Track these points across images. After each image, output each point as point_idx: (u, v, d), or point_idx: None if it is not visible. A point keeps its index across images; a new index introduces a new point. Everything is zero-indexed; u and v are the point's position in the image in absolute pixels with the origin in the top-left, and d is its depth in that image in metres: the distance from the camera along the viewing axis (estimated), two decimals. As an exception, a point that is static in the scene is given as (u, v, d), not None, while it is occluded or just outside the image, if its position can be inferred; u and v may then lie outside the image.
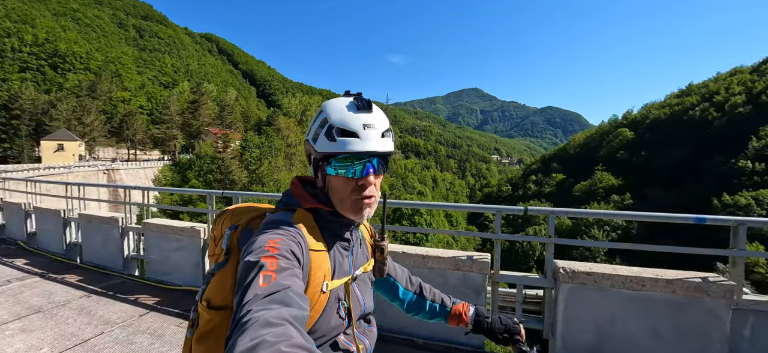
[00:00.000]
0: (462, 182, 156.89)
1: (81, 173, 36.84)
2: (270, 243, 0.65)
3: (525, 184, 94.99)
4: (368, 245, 0.99)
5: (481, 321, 1.06)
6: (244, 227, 0.82)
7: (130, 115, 60.28)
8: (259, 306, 0.51)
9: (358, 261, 0.90)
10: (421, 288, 1.11)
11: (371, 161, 0.79)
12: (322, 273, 0.74)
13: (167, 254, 4.48)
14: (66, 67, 76.80)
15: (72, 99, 58.25)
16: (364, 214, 0.81)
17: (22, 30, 77.01)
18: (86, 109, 56.22)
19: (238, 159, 44.77)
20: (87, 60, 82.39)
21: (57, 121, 52.93)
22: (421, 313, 1.10)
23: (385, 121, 0.81)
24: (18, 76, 67.31)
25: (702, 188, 48.99)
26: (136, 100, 76.81)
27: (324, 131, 0.77)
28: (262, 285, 0.55)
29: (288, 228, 0.71)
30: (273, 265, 0.59)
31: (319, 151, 0.77)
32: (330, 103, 0.80)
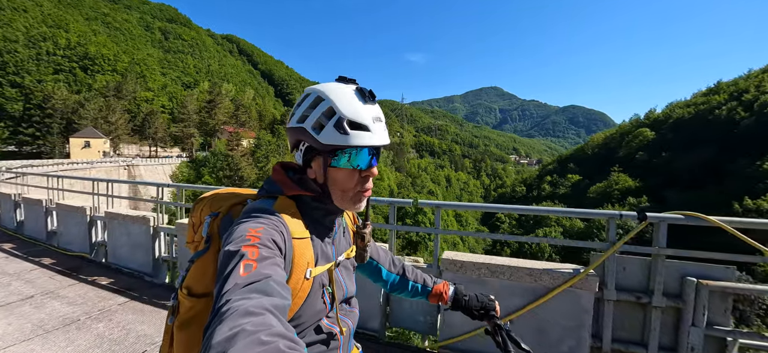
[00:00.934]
0: (477, 182, 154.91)
1: (103, 168, 39.23)
2: (251, 232, 0.64)
3: (539, 185, 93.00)
4: (350, 231, 1.00)
5: (459, 298, 1.13)
6: (225, 214, 0.81)
7: (151, 114, 63.39)
8: (239, 296, 0.50)
9: (341, 247, 0.90)
10: (403, 270, 1.16)
11: (376, 153, 0.80)
12: (306, 260, 0.74)
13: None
14: (95, 68, 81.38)
15: (99, 99, 61.85)
16: (363, 204, 0.83)
17: (57, 34, 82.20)
18: (112, 108, 59.59)
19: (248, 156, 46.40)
20: (114, 62, 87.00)
21: (85, 119, 56.42)
22: (404, 292, 1.16)
23: None
24: (52, 78, 71.97)
25: (724, 191, 46.66)
26: (159, 99, 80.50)
27: (332, 123, 0.74)
28: (242, 275, 0.54)
29: (269, 216, 0.70)
30: (254, 254, 0.59)
31: (325, 143, 0.74)
32: (331, 90, 0.77)
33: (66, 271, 4.57)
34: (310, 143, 0.76)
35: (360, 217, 1.04)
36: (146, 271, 4.63)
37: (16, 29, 78.05)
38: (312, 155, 0.79)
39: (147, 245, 4.66)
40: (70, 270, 4.63)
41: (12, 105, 62.97)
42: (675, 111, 76.99)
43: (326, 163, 0.77)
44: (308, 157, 0.79)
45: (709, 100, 69.82)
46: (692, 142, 61.32)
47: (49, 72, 73.97)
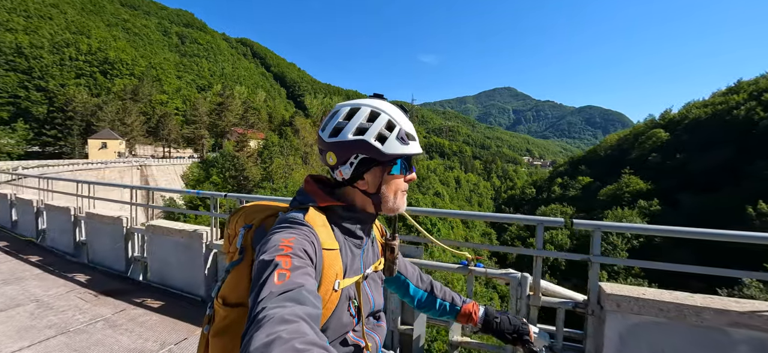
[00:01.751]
0: (487, 183, 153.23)
1: (117, 169, 41.01)
2: (284, 242, 0.66)
3: (550, 187, 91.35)
4: (379, 244, 1.01)
5: (490, 320, 1.10)
6: (258, 226, 0.83)
7: (165, 116, 65.72)
8: (274, 304, 0.52)
9: (369, 260, 0.92)
10: (432, 286, 1.14)
11: (410, 160, 0.87)
12: (334, 271, 0.75)
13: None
14: (114, 73, 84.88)
15: (116, 102, 64.55)
16: (405, 205, 0.89)
17: (79, 40, 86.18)
18: (128, 111, 62.13)
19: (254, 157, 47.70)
20: (132, 66, 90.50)
21: (103, 122, 59.03)
22: (432, 311, 1.14)
23: None
24: (74, 82, 75.53)
25: (740, 194, 44.93)
26: (173, 102, 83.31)
27: (394, 135, 0.80)
28: (276, 283, 0.56)
29: (301, 227, 0.72)
30: (287, 263, 0.60)
31: (388, 152, 0.79)
32: (386, 107, 0.83)
33: (50, 269, 4.79)
34: (369, 154, 0.80)
35: (388, 229, 1.05)
36: (120, 269, 4.87)
37: (42, 36, 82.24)
38: (368, 166, 0.82)
39: (120, 244, 4.89)
40: (57, 268, 4.83)
41: (37, 108, 66.49)
42: (692, 111, 74.45)
43: (385, 172, 0.83)
44: (362, 169, 0.82)
45: (727, 99, 67.24)
46: (708, 143, 59.19)
47: (72, 76, 77.65)
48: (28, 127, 61.51)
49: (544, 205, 77.13)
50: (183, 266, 4.15)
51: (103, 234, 5.12)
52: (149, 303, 3.72)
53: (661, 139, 70.61)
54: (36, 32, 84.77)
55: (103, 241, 5.12)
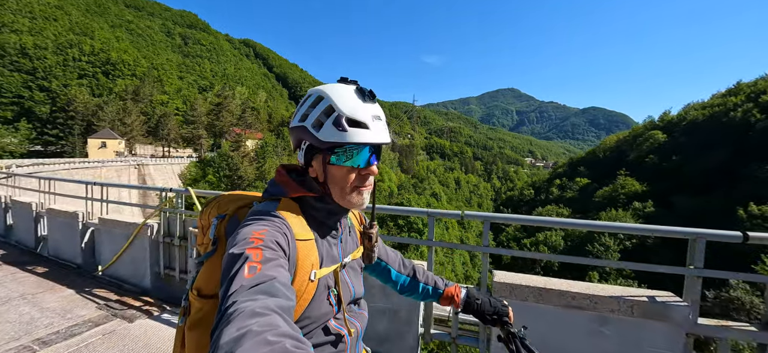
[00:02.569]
0: (487, 184, 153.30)
1: (113, 167, 41.74)
2: (255, 234, 0.64)
3: (548, 188, 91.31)
4: (357, 232, 1.00)
5: (471, 302, 1.10)
6: (231, 216, 0.82)
7: (164, 116, 66.61)
8: (245, 297, 0.51)
9: (347, 248, 0.91)
10: (414, 271, 1.14)
11: (377, 152, 0.82)
12: (310, 261, 0.74)
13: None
14: (116, 73, 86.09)
15: (117, 102, 65.57)
16: (364, 201, 0.83)
17: (82, 41, 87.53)
18: (128, 111, 63.08)
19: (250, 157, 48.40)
20: (134, 67, 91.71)
21: (103, 121, 60.00)
22: (415, 295, 1.14)
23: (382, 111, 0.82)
24: (76, 82, 76.75)
25: (734, 196, 44.86)
26: (173, 102, 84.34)
27: (331, 120, 0.75)
28: (247, 276, 0.55)
29: (273, 219, 0.71)
30: (258, 256, 0.59)
31: (324, 140, 0.75)
32: (331, 90, 0.78)
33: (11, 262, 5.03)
34: (310, 141, 0.77)
35: (366, 217, 1.05)
36: (78, 261, 5.02)
37: (46, 37, 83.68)
38: (312, 154, 0.80)
39: (76, 239, 5.04)
40: (17, 262, 5.05)
41: (40, 108, 67.67)
42: (690, 113, 74.19)
43: (325, 160, 0.78)
44: (309, 156, 0.80)
45: (725, 101, 66.99)
46: (705, 145, 59.03)
47: (74, 77, 78.89)
48: (31, 126, 62.70)
49: (542, 206, 77.18)
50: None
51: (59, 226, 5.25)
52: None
53: (658, 141, 70.47)
54: (40, 33, 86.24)
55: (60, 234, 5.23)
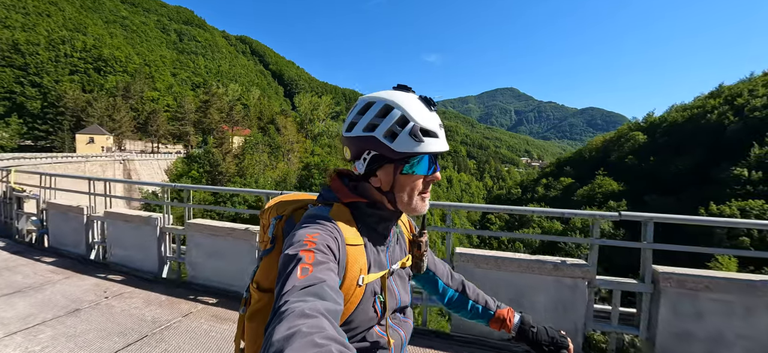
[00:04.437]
0: (480, 183, 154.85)
1: (98, 162, 42.84)
2: (308, 237, 0.67)
3: (534, 187, 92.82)
4: (406, 240, 1.00)
5: (526, 329, 1.03)
6: (288, 217, 0.86)
7: (153, 113, 67.72)
8: (296, 298, 0.54)
9: (395, 256, 0.91)
10: (464, 286, 1.10)
11: (436, 159, 0.83)
12: (359, 266, 0.75)
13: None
14: (107, 70, 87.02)
15: (105, 98, 66.63)
16: (427, 206, 0.84)
17: (75, 37, 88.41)
18: (117, 107, 64.18)
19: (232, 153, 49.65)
20: (126, 63, 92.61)
21: (92, 117, 61.13)
22: (462, 312, 1.09)
23: None
24: (68, 78, 77.65)
25: (700, 196, 46.34)
26: (164, 99, 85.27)
27: (406, 131, 0.76)
28: (299, 278, 0.58)
29: (325, 223, 0.73)
30: (310, 258, 0.62)
31: (399, 150, 0.76)
32: (399, 99, 0.79)
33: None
34: (380, 151, 0.78)
35: (417, 225, 1.04)
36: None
37: (39, 33, 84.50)
38: (380, 164, 0.79)
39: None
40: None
41: (31, 103, 68.66)
42: (672, 115, 75.62)
43: (397, 170, 0.79)
44: (374, 166, 0.80)
45: (705, 103, 68.45)
46: (681, 146, 60.54)
47: (66, 73, 79.80)
48: (22, 121, 63.85)
49: (526, 204, 78.64)
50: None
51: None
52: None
53: (638, 141, 71.87)
54: (33, 29, 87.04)
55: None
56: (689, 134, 62.60)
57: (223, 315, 3.52)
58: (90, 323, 3.25)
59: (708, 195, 43.86)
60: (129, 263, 4.67)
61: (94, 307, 3.57)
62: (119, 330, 3.14)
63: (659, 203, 50.58)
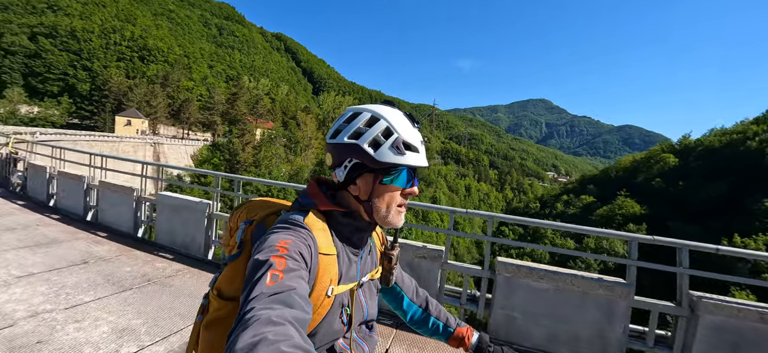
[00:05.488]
0: (499, 194, 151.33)
1: (130, 143, 46.65)
2: (281, 243, 0.65)
3: (554, 203, 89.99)
4: (378, 251, 1.00)
5: (483, 348, 1.03)
6: (259, 222, 0.83)
7: (186, 101, 72.28)
8: (263, 305, 0.52)
9: (366, 268, 0.91)
10: (427, 303, 1.10)
11: (415, 174, 0.85)
12: (329, 277, 0.74)
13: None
14: (150, 59, 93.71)
15: (145, 85, 71.95)
16: (403, 219, 0.85)
17: (124, 27, 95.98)
18: (154, 94, 69.14)
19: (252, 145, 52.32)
20: (167, 53, 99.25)
21: (132, 102, 66.28)
22: (424, 328, 1.09)
23: None
24: (115, 65, 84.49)
25: (729, 226, 43.48)
26: (198, 89, 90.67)
27: (390, 142, 0.77)
28: (268, 284, 0.56)
29: (300, 229, 0.72)
30: (281, 265, 0.60)
31: (381, 160, 0.77)
32: (385, 112, 0.81)
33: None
34: (362, 160, 0.78)
35: (389, 237, 1.04)
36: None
37: (94, 22, 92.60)
38: (360, 172, 0.80)
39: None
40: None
41: (81, 85, 75.50)
42: (709, 138, 71.04)
43: (377, 180, 0.80)
44: (354, 174, 0.80)
45: (746, 129, 63.82)
46: (714, 172, 56.82)
47: (114, 59, 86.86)
48: (72, 101, 70.47)
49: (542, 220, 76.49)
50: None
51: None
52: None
53: (669, 164, 68.06)
54: (89, 18, 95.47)
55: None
56: (725, 159, 58.60)
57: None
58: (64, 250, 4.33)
59: (736, 226, 41.12)
60: (113, 223, 5.58)
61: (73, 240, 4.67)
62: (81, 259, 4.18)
63: (683, 230, 47.81)
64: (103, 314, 2.96)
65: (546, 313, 3.18)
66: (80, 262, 3.99)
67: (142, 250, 4.68)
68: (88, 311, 2.98)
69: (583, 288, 3.09)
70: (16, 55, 68.14)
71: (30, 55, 69.90)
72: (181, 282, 3.83)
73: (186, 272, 4.15)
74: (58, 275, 3.57)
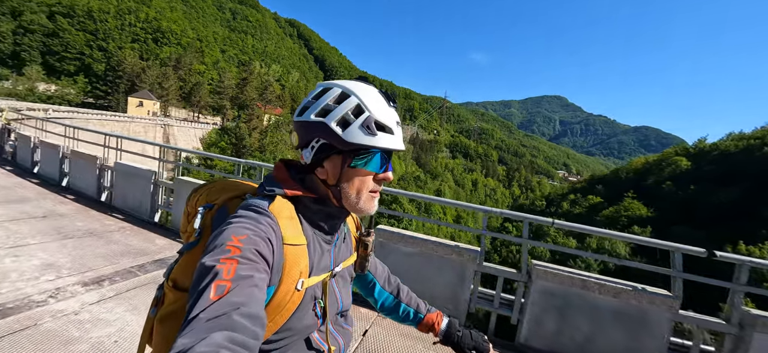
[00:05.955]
0: (506, 191, 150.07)
1: (141, 124, 47.83)
2: (233, 240, 0.58)
3: (560, 202, 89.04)
4: (353, 238, 0.95)
5: (452, 333, 1.04)
6: (220, 206, 0.75)
7: (197, 84, 73.38)
8: (197, 337, 0.46)
9: (340, 256, 0.85)
10: (398, 290, 1.08)
11: (389, 157, 0.78)
12: (299, 269, 0.68)
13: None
14: (164, 41, 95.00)
15: (158, 67, 73.20)
16: (376, 206, 0.79)
17: (140, 8, 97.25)
18: (167, 76, 70.37)
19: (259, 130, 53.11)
20: (180, 36, 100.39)
21: (144, 83, 67.65)
22: (394, 315, 1.08)
23: None
24: (129, 46, 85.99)
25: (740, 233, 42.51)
26: (209, 73, 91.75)
27: (360, 122, 0.71)
28: (211, 299, 0.50)
29: (260, 220, 0.65)
30: (229, 272, 0.54)
31: (349, 141, 0.71)
32: (356, 88, 0.74)
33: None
34: (329, 140, 0.72)
35: (364, 223, 1.00)
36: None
37: (110, 2, 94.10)
38: (327, 154, 0.74)
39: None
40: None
41: (97, 65, 77.26)
42: (725, 143, 69.02)
43: (346, 162, 0.74)
44: (322, 155, 0.74)
45: (765, 134, 61.74)
46: (728, 177, 55.38)
47: (128, 41, 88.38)
48: (87, 80, 72.30)
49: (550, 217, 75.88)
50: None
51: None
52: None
53: (681, 167, 66.47)
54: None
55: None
56: (740, 165, 56.95)
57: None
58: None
59: (745, 233, 40.21)
60: (82, 188, 6.22)
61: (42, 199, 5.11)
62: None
63: (688, 235, 46.94)
64: (40, 253, 3.49)
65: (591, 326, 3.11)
66: (40, 216, 4.62)
67: (100, 211, 5.26)
68: (28, 251, 3.52)
69: (630, 299, 3.05)
70: (35, 34, 69.91)
71: (48, 33, 71.59)
72: (120, 237, 4.35)
73: (129, 229, 4.70)
74: (16, 224, 4.17)
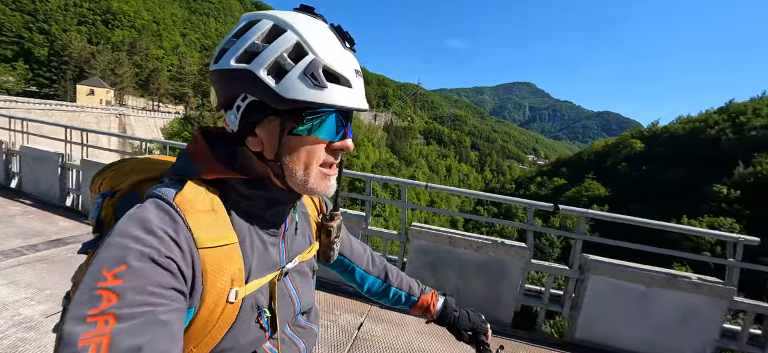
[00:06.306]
0: (479, 176, 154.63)
1: (93, 114, 44.35)
2: (108, 280, 0.38)
3: (528, 185, 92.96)
4: (313, 223, 0.75)
5: (448, 313, 0.94)
6: (127, 193, 0.54)
7: (155, 71, 68.70)
8: None
9: (296, 247, 0.66)
10: (386, 273, 0.93)
11: (348, 119, 0.56)
12: (229, 276, 0.49)
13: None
14: (115, 23, 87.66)
15: (110, 52, 67.69)
16: (332, 186, 0.58)
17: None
18: (120, 62, 65.24)
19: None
20: (134, 18, 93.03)
21: (95, 69, 62.35)
22: (384, 299, 0.95)
23: None
24: (75, 28, 78.62)
25: (685, 208, 46.44)
26: (168, 58, 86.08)
27: (302, 68, 0.48)
28: None
29: (153, 226, 0.43)
30: (101, 349, 0.35)
31: (287, 97, 0.48)
32: (297, 21, 0.50)
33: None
34: (259, 96, 0.49)
35: (328, 203, 0.81)
36: None
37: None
38: (259, 116, 0.51)
39: None
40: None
41: (38, 50, 70.12)
42: (674, 126, 74.51)
43: (285, 128, 0.50)
44: (252, 119, 0.51)
45: (708, 117, 67.21)
46: (675, 158, 60.05)
47: (74, 23, 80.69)
48: (28, 67, 65.54)
49: (516, 201, 79.20)
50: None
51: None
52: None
53: (635, 150, 71.21)
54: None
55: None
56: (686, 146, 61.90)
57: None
58: None
59: (691, 208, 43.94)
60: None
61: None
62: None
63: (644, 212, 50.69)
64: None
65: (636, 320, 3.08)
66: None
67: (7, 197, 5.07)
68: None
69: (489, 251, 3.36)
70: (-39, 14, 62.37)
71: (-24, 14, 64.10)
72: (22, 220, 4.24)
73: (33, 213, 4.57)
74: None
